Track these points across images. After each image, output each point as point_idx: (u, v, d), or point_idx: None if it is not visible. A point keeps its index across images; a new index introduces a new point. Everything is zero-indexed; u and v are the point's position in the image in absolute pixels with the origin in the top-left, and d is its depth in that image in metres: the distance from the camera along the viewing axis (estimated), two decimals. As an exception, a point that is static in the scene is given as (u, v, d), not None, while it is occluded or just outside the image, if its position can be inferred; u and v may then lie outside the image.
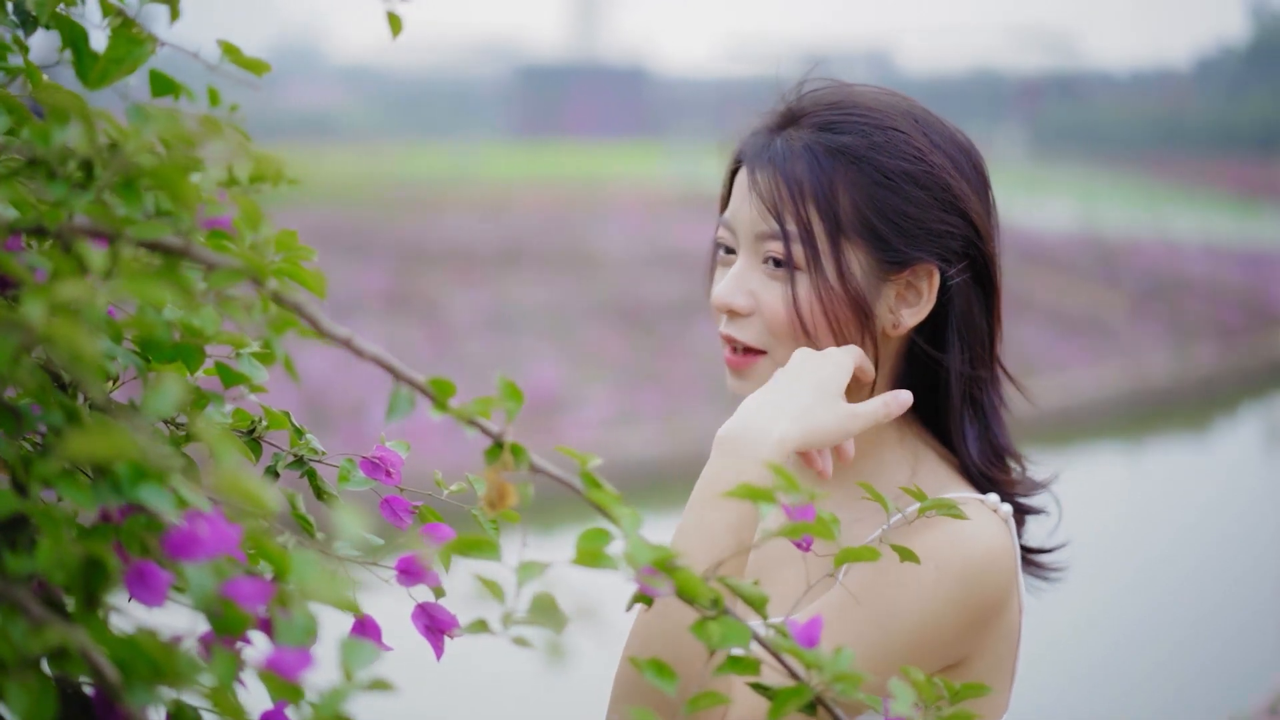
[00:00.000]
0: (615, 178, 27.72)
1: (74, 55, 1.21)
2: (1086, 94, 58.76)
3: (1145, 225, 23.44)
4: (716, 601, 1.17)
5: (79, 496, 0.99)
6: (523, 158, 35.11)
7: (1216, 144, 44.05)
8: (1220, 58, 65.63)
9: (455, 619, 1.32)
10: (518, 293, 15.85)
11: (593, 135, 48.14)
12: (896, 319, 1.76)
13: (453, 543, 1.19)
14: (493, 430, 1.20)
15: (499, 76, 62.29)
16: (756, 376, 1.75)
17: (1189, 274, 18.93)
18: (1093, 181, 32.80)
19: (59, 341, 0.88)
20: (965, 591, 1.63)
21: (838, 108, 1.76)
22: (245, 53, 1.23)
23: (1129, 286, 17.84)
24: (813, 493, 1.21)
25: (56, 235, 1.05)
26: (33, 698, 0.90)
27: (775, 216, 1.73)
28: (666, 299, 15.65)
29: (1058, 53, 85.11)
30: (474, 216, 20.11)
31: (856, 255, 1.73)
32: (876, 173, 1.73)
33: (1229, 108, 51.85)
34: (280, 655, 0.98)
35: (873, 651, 1.59)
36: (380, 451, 1.44)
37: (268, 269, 1.11)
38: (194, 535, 0.97)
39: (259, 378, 1.29)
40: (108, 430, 0.87)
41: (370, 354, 1.16)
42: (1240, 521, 10.78)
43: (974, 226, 1.76)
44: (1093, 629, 7.76)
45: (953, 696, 1.26)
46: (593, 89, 56.89)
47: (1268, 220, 26.93)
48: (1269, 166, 36.85)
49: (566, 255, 17.59)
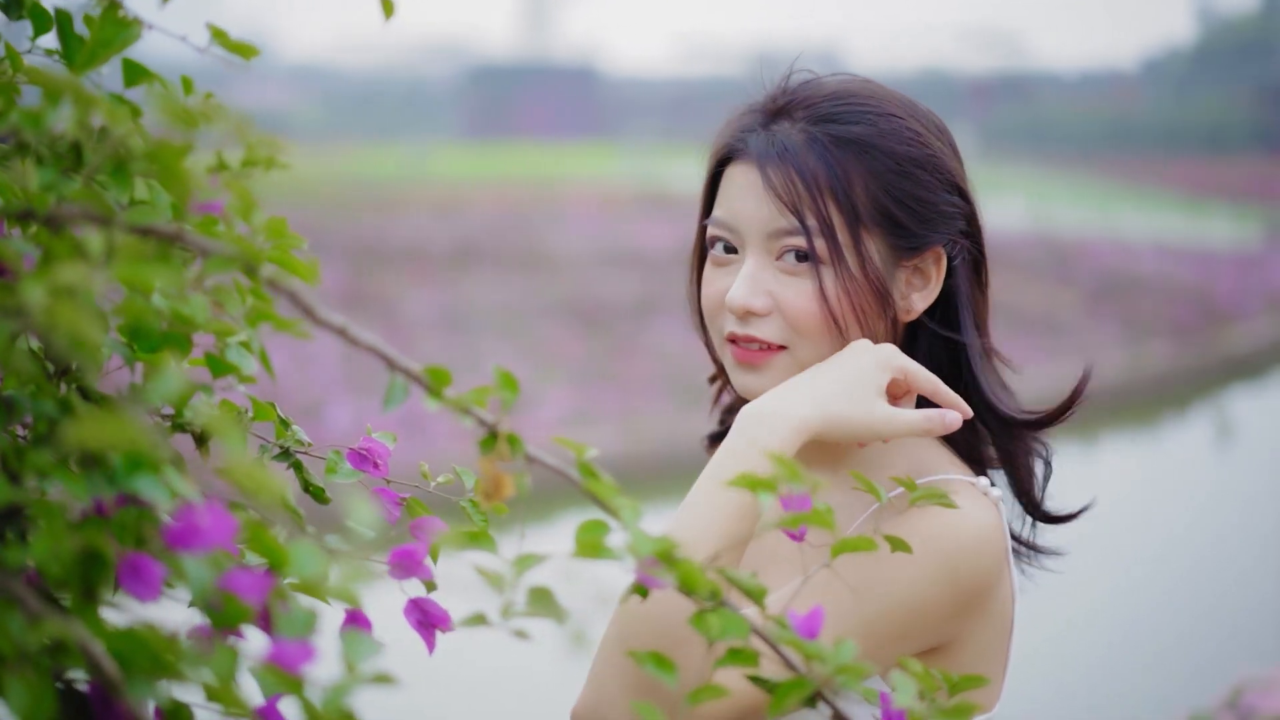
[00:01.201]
0: (569, 177, 27.72)
1: (60, 39, 1.19)
2: (1035, 95, 59.08)
3: (1096, 224, 23.60)
4: (715, 593, 1.15)
5: (74, 487, 0.97)
6: (475, 158, 35.05)
7: (1165, 144, 44.41)
8: (1167, 59, 66.22)
9: (448, 614, 1.30)
10: (473, 292, 15.80)
11: (545, 135, 48.13)
12: (909, 304, 1.77)
13: (448, 535, 1.17)
14: (488, 420, 1.18)
15: (450, 77, 62.21)
16: (774, 371, 1.73)
17: (1140, 272, 19.08)
18: (1043, 181, 33.00)
19: (60, 326, 0.86)
20: (953, 573, 1.62)
21: (834, 98, 1.75)
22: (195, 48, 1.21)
23: (1082, 285, 17.95)
24: (816, 481, 1.19)
25: (46, 220, 1.03)
26: (33, 693, 0.87)
27: (794, 212, 1.71)
28: (623, 298, 15.63)
29: (1006, 54, 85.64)
30: (428, 216, 20.05)
31: (875, 244, 1.73)
32: (888, 159, 1.72)
33: (1177, 108, 52.30)
34: (281, 647, 0.96)
35: (855, 629, 1.58)
36: (367, 443, 1.42)
37: (262, 256, 1.09)
38: (194, 525, 0.95)
39: (248, 368, 1.26)
40: (111, 418, 0.85)
41: (366, 343, 1.14)
42: (1192, 517, 10.85)
43: (970, 203, 1.80)
44: (1039, 624, 7.78)
45: (951, 688, 1.25)
46: (544, 89, 56.87)
47: (1217, 219, 27.15)
48: (1217, 166, 37.18)
49: (522, 255, 17.56)
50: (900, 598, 1.61)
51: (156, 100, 0.97)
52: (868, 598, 1.59)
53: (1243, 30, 61.52)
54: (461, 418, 1.16)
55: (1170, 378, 15.66)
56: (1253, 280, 19.83)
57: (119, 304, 1.07)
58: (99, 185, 1.08)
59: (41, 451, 0.97)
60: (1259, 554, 9.99)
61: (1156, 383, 15.39)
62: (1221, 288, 18.94)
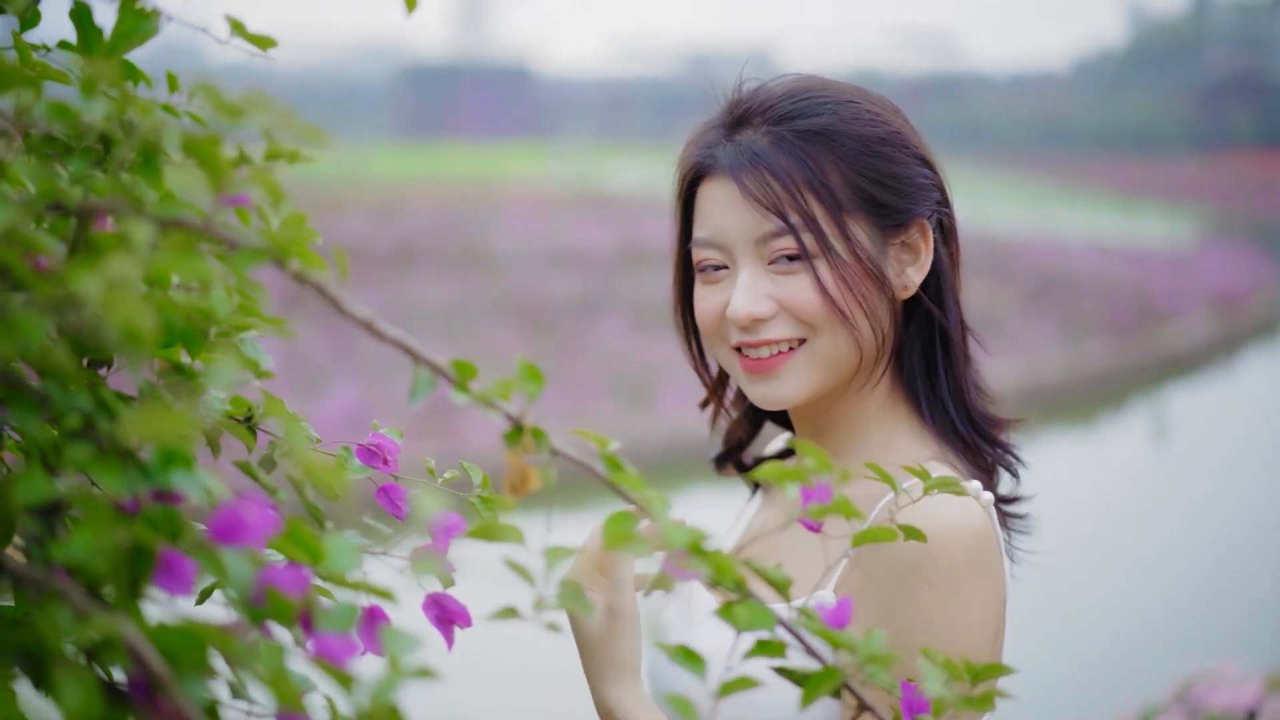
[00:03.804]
0: (506, 177, 27.66)
1: (79, 31, 1.18)
2: (968, 96, 59.48)
3: (1032, 224, 23.78)
4: (740, 585, 1.15)
5: (114, 482, 0.95)
6: (411, 158, 34.91)
7: (1097, 144, 44.81)
8: (1098, 60, 66.81)
9: (467, 609, 1.29)
10: (414, 293, 15.74)
11: (480, 135, 48.01)
12: (905, 280, 1.78)
13: (476, 529, 1.16)
14: (512, 413, 1.17)
15: (383, 76, 61.94)
16: (792, 372, 1.74)
17: (1077, 272, 19.24)
18: (978, 181, 33.18)
19: (114, 317, 0.84)
20: (980, 585, 1.64)
21: (790, 97, 1.77)
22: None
23: (1019, 284, 18.07)
24: (845, 473, 1.19)
25: (76, 212, 1.01)
26: (85, 691, 0.86)
27: (776, 213, 1.72)
28: (565, 298, 15.61)
29: (938, 55, 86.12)
30: (366, 216, 19.95)
31: (860, 227, 1.74)
32: (856, 143, 1.74)
33: (1108, 109, 52.77)
34: (326, 642, 0.95)
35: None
36: (376, 438, 1.41)
37: (291, 248, 1.08)
38: (240, 520, 0.94)
39: (265, 363, 1.25)
40: (167, 410, 0.84)
41: (391, 337, 1.14)
42: (1132, 513, 10.94)
43: (938, 173, 1.82)
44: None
45: (974, 676, 1.25)
46: (479, 89, 56.75)
47: (1150, 219, 27.40)
48: (1149, 166, 37.55)
49: (462, 255, 17.51)
50: (946, 635, 1.63)
51: (201, 93, 0.96)
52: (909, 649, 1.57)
53: (1173, 32, 62.20)
54: (488, 411, 1.16)
55: (1108, 376, 15.80)
56: (1187, 279, 20.05)
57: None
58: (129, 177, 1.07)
59: (80, 446, 0.96)
60: (1200, 548, 10.10)
61: (1094, 381, 15.52)
62: (1157, 287, 19.13)
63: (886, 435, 1.80)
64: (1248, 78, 52.35)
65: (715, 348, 1.81)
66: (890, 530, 1.28)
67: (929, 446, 1.79)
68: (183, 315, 1.12)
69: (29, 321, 0.90)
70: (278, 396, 1.39)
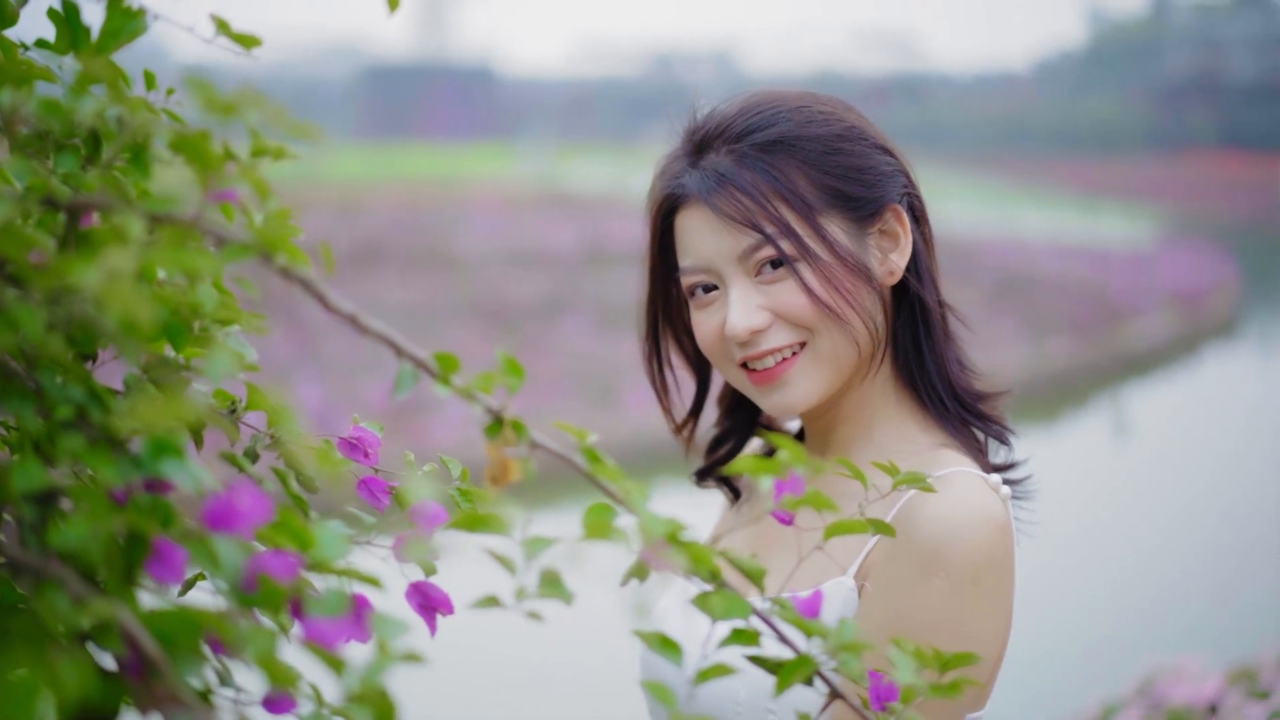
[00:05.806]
0: (468, 178, 27.63)
1: (59, 29, 1.19)
2: (929, 96, 59.70)
3: (993, 223, 23.87)
4: (715, 574, 1.17)
5: (107, 471, 0.97)
6: (373, 158, 34.82)
7: (1058, 144, 45.00)
8: (1059, 61, 67.08)
9: (449, 597, 1.31)
10: (378, 293, 15.71)
11: (442, 136, 47.92)
12: (889, 266, 1.82)
13: (461, 519, 1.18)
14: (493, 406, 1.19)
15: (344, 77, 61.73)
16: (798, 377, 1.78)
17: (1038, 271, 19.33)
18: (939, 181, 33.28)
19: (113, 308, 0.87)
20: (996, 582, 1.68)
21: (744, 114, 1.82)
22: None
23: (981, 284, 18.14)
24: (819, 465, 1.22)
25: (66, 208, 1.03)
26: (82, 675, 0.88)
27: (751, 226, 1.76)
28: (530, 298, 15.61)
29: (900, 56, 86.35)
30: (328, 216, 19.89)
31: (836, 225, 1.78)
32: (815, 144, 1.79)
33: (1069, 109, 53.00)
34: (317, 626, 0.97)
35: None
36: (357, 432, 1.43)
37: (278, 244, 1.10)
38: (233, 507, 0.96)
39: (250, 356, 1.27)
40: (170, 399, 0.86)
41: (375, 331, 1.15)
42: (1092, 508, 11.00)
43: (900, 159, 1.86)
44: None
45: (942, 665, 1.27)
46: (441, 90, 56.62)
47: (1110, 218, 27.55)
48: (1109, 166, 37.73)
49: (425, 255, 17.48)
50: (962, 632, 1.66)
51: (192, 89, 0.98)
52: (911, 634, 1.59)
53: (1133, 33, 62.52)
54: (470, 404, 1.18)
55: (1069, 374, 15.88)
56: (1147, 278, 20.17)
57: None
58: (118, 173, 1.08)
59: (73, 435, 0.98)
60: (1160, 544, 10.17)
61: (1056, 379, 15.59)
62: (1117, 286, 19.24)
63: (894, 426, 1.84)
64: (1207, 78, 52.72)
65: (724, 370, 1.85)
66: (862, 523, 1.30)
67: (935, 434, 1.83)
68: (170, 309, 1.14)
69: (25, 314, 0.92)
70: (260, 389, 1.41)
